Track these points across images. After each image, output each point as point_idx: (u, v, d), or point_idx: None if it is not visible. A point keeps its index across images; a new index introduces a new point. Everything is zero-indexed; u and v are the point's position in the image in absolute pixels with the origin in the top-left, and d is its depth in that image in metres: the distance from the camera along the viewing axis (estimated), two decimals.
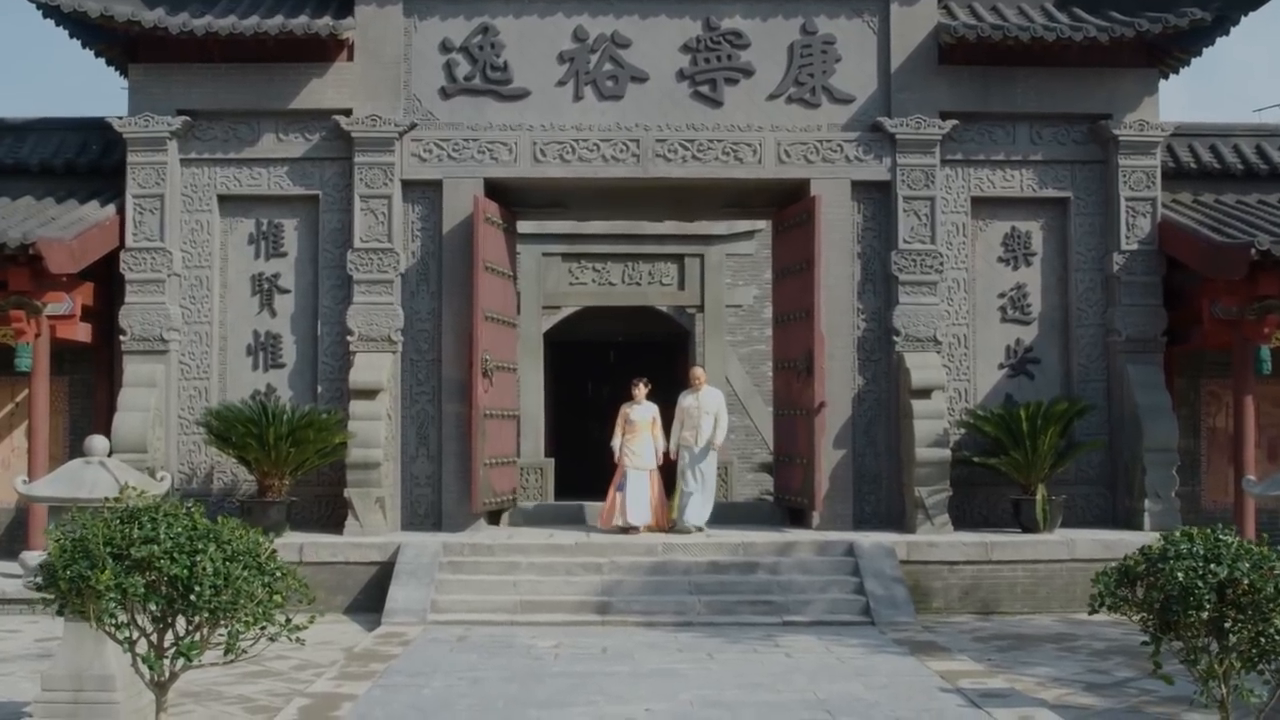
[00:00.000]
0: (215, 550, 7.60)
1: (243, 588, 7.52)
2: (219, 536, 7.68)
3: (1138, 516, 16.43)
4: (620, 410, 17.19)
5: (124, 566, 7.38)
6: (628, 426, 16.97)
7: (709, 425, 16.76)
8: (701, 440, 16.72)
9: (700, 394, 17.01)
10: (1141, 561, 8.47)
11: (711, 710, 9.86)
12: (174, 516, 7.71)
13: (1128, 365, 16.84)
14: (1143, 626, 8.62)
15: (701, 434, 16.73)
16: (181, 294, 16.94)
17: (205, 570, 7.41)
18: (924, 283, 16.85)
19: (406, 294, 16.90)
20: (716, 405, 17.00)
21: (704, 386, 17.19)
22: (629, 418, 17.04)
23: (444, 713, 9.78)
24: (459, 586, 14.67)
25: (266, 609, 7.66)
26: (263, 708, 10.15)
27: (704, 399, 16.96)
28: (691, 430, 16.81)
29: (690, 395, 17.08)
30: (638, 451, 16.82)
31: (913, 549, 15.33)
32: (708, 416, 16.80)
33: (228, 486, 16.89)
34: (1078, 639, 13.45)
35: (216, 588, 7.47)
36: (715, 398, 17.15)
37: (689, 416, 16.91)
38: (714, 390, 17.46)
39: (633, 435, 16.88)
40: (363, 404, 16.25)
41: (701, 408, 16.85)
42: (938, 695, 10.43)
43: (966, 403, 17.16)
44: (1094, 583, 8.89)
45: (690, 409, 16.93)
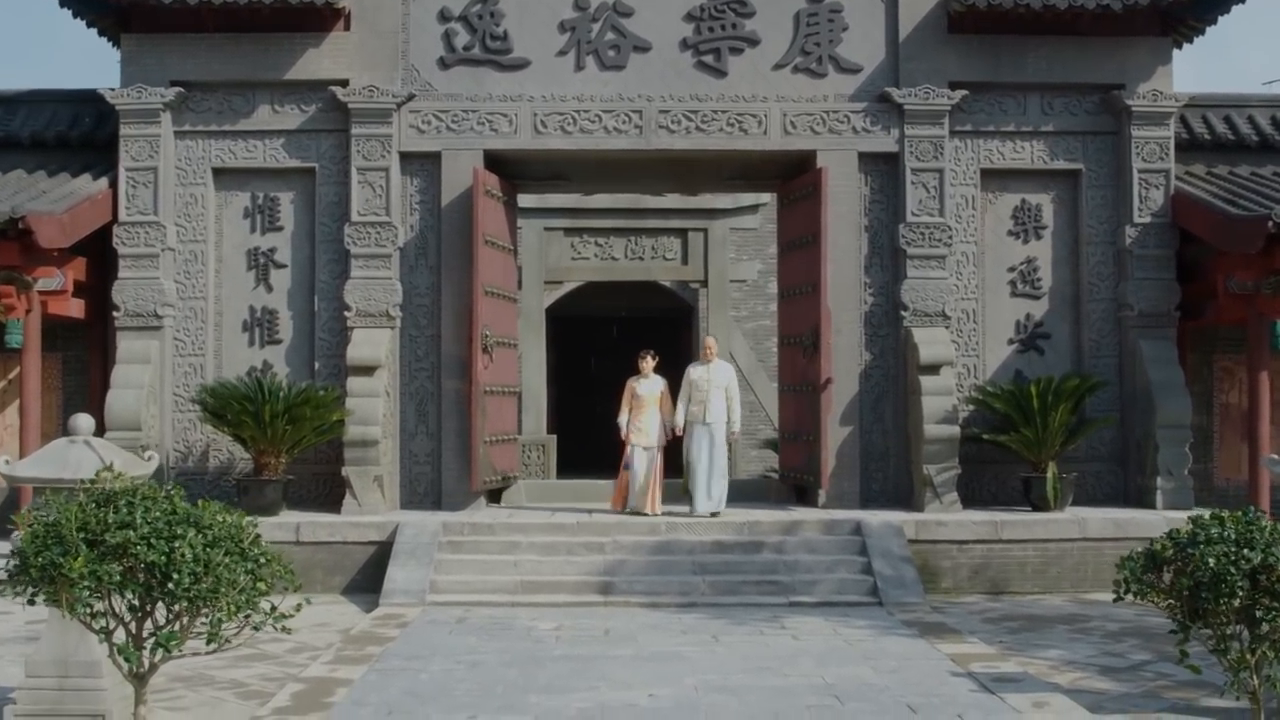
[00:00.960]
0: (195, 536, 7.25)
1: (223, 575, 7.16)
2: (199, 521, 7.33)
3: (1150, 494, 16.14)
4: (626, 385, 16.41)
5: (98, 553, 7.05)
6: (635, 402, 16.23)
7: (719, 400, 15.94)
8: (711, 416, 15.88)
9: (711, 366, 16.19)
10: (1169, 546, 8.15)
11: (716, 695, 9.58)
12: (152, 500, 7.35)
13: (1140, 340, 16.52)
14: (1170, 614, 8.31)
15: (711, 409, 15.88)
16: (176, 269, 16.63)
17: (184, 557, 7.06)
18: (932, 256, 16.53)
19: (405, 268, 16.59)
20: (727, 379, 16.19)
21: (715, 359, 16.38)
22: (636, 392, 16.26)
23: (441, 698, 9.50)
24: (458, 566, 14.39)
25: (250, 597, 7.30)
26: (255, 693, 9.88)
27: (714, 372, 16.13)
28: (700, 405, 15.94)
29: (700, 367, 16.30)
30: (644, 429, 16.10)
31: (921, 528, 15.04)
32: (718, 390, 15.97)
33: (224, 465, 16.61)
34: (1090, 620, 13.17)
35: (196, 575, 7.11)
36: (726, 371, 16.35)
37: (697, 390, 16.05)
38: (725, 364, 16.75)
39: (640, 411, 16.18)
40: (360, 380, 15.96)
41: (711, 381, 16.02)
42: (949, 680, 10.14)
43: (975, 379, 16.85)
44: (1119, 568, 8.57)
45: (699, 382, 16.09)
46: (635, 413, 16.17)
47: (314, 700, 9.41)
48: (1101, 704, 9.47)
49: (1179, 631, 8.21)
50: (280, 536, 14.80)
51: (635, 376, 16.39)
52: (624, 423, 16.20)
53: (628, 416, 16.23)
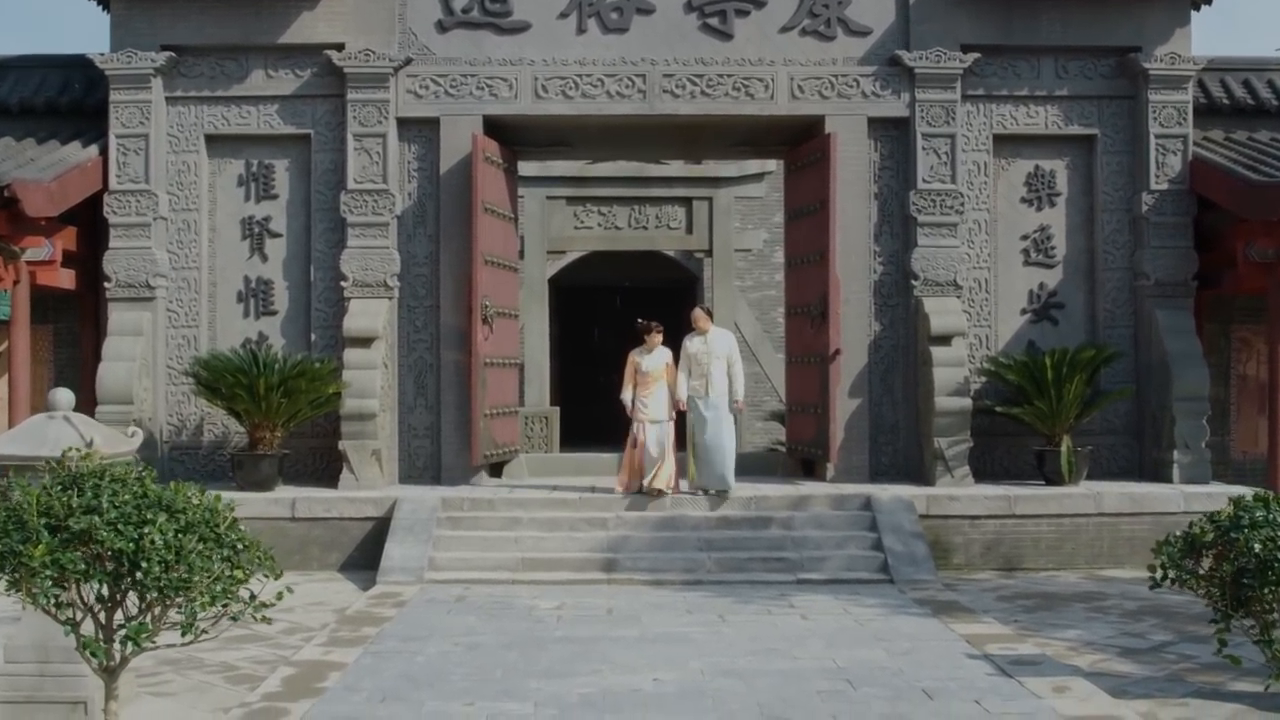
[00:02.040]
0: (166, 521, 6.80)
1: (196, 563, 6.70)
2: (171, 505, 6.89)
3: (1166, 468, 15.76)
4: (629, 358, 15.34)
5: (61, 540, 6.63)
6: (640, 377, 15.15)
7: (720, 371, 14.93)
8: (714, 389, 14.91)
9: (709, 336, 15.14)
10: (1210, 530, 7.73)
11: (723, 680, 9.22)
12: (121, 482, 6.91)
13: (1156, 310, 16.11)
14: (1209, 602, 7.88)
15: (713, 382, 14.90)
16: (168, 238, 16.23)
17: (153, 544, 6.62)
18: (944, 224, 16.11)
19: (403, 237, 16.18)
20: (727, 348, 15.18)
21: (710, 328, 15.29)
22: (641, 367, 15.17)
23: (438, 683, 9.14)
24: (457, 543, 14.03)
25: (227, 585, 6.86)
26: (245, 677, 9.53)
27: (713, 342, 15.10)
28: (701, 379, 14.96)
29: (696, 339, 15.17)
30: (651, 404, 15.08)
31: (932, 503, 14.67)
32: (718, 361, 14.96)
33: (218, 439, 16.25)
34: (1107, 598, 12.79)
35: (167, 563, 6.66)
36: (725, 340, 15.33)
37: (696, 363, 15.04)
38: (723, 331, 15.72)
39: (645, 386, 15.12)
40: (357, 352, 15.58)
41: (711, 352, 15.00)
42: (964, 662, 9.77)
43: (987, 350, 16.45)
44: (1156, 553, 8.15)
45: (698, 354, 15.06)
46: (641, 388, 15.14)
47: (305, 685, 9.05)
48: (1124, 688, 9.10)
49: (1219, 621, 7.78)
50: (275, 513, 14.48)
51: (637, 349, 15.31)
52: (629, 399, 15.21)
53: (633, 393, 15.22)
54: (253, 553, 7.11)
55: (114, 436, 8.77)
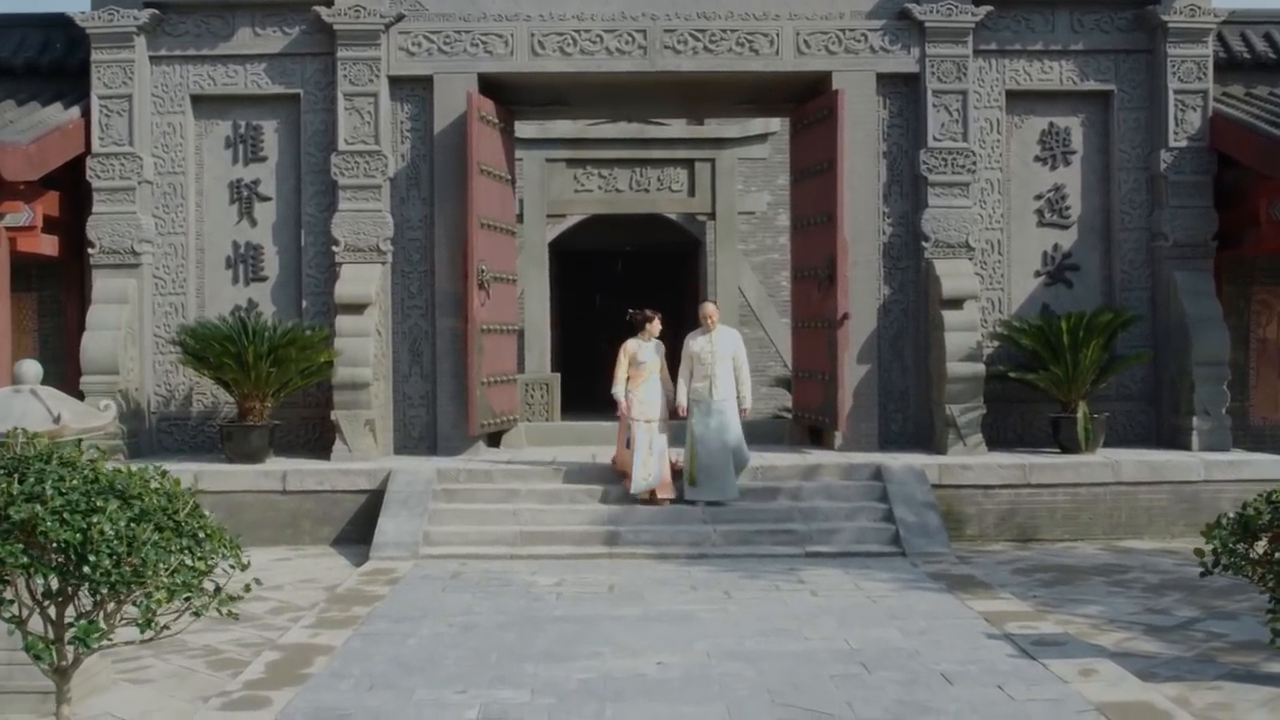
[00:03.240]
0: (117, 509, 6.23)
1: (150, 556, 6.15)
2: (125, 491, 6.35)
3: (1185, 435, 15.28)
4: (622, 348, 14.15)
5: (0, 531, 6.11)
6: (634, 369, 13.98)
7: (726, 373, 13.75)
8: (719, 392, 13.71)
9: (714, 335, 13.87)
10: (1265, 510, 7.20)
11: (730, 663, 8.75)
12: (70, 466, 6.35)
13: (1175, 272, 15.59)
14: (1264, 588, 7.36)
15: (718, 385, 13.71)
16: (154, 203, 15.72)
17: (103, 534, 6.07)
18: (955, 184, 15.56)
19: (396, 200, 15.66)
20: (734, 348, 13.92)
21: (717, 326, 13.99)
22: (637, 358, 13.99)
23: (430, 668, 8.67)
24: (454, 516, 13.56)
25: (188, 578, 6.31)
26: (229, 661, 9.06)
27: (718, 341, 13.85)
28: (705, 380, 13.75)
29: (701, 337, 13.91)
30: (646, 400, 13.91)
31: (945, 472, 14.18)
32: (724, 362, 13.76)
33: (208, 409, 15.78)
34: (1128, 571, 12.32)
35: (118, 556, 6.10)
36: (732, 339, 14.00)
37: (700, 363, 13.81)
38: (730, 330, 14.24)
39: (640, 379, 13.93)
40: (350, 319, 15.07)
41: (716, 352, 13.77)
42: (983, 643, 9.30)
43: (1000, 313, 15.94)
44: (1206, 537, 7.61)
45: (702, 354, 13.81)
46: (635, 382, 13.93)
47: (290, 671, 8.58)
48: (1153, 670, 8.63)
49: (1275, 611, 7.25)
50: (266, 485, 14.02)
51: (635, 338, 14.15)
52: (621, 394, 13.99)
53: (624, 386, 14.00)
54: (216, 541, 6.54)
55: (84, 411, 8.29)
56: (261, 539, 13.95)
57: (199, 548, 6.37)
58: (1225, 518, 7.55)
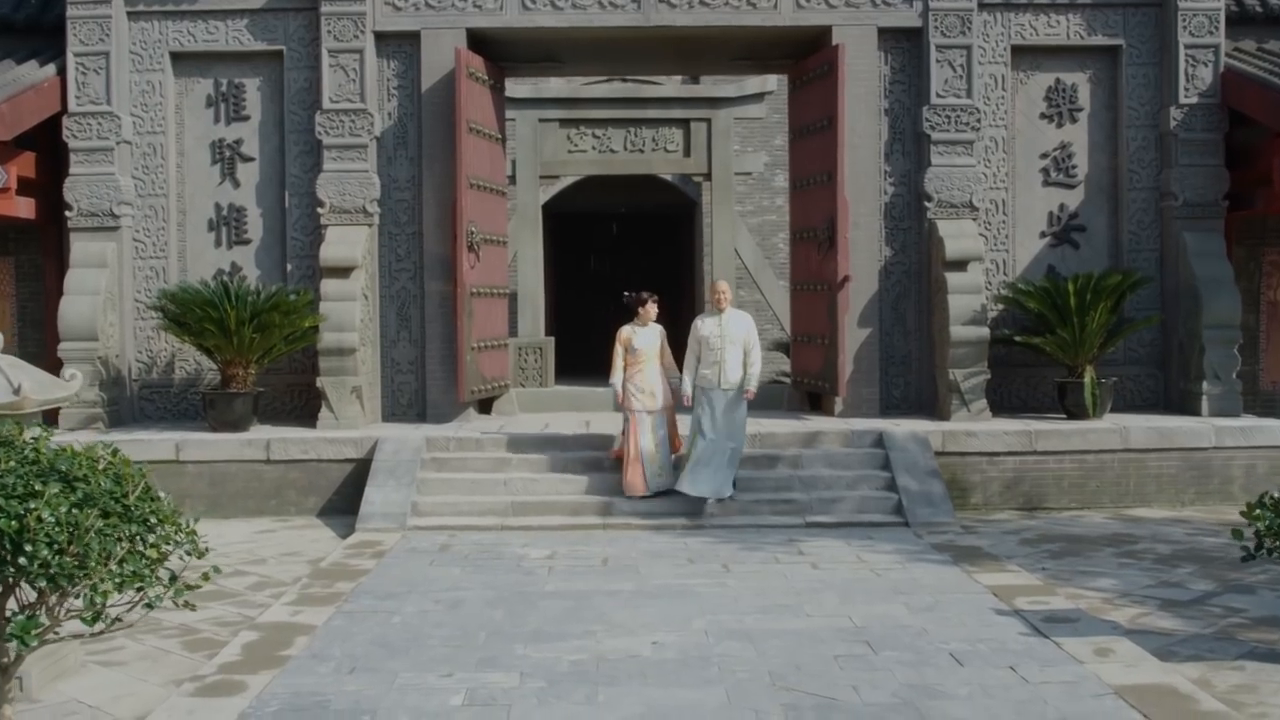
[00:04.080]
0: (59, 493, 5.73)
1: (94, 545, 5.67)
2: (69, 473, 5.88)
3: (1194, 400, 14.88)
4: (618, 334, 13.31)
5: None
6: (631, 356, 13.15)
7: (735, 359, 12.74)
8: (727, 380, 12.70)
9: (724, 318, 12.86)
10: None
11: (730, 642, 8.36)
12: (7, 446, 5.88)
13: (1184, 233, 15.16)
14: None
15: (726, 371, 12.70)
16: (133, 163, 15.25)
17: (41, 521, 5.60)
18: (959, 142, 15.10)
19: (383, 160, 15.19)
20: (745, 333, 12.89)
21: (728, 308, 12.99)
22: (632, 345, 13.15)
23: (414, 649, 8.27)
24: (443, 486, 13.15)
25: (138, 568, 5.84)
26: (205, 642, 8.67)
27: (729, 325, 12.82)
28: (713, 366, 12.75)
29: (711, 319, 12.95)
30: (645, 388, 13.07)
31: (948, 439, 13.77)
32: (733, 348, 12.74)
33: (190, 376, 15.36)
34: (1138, 541, 11.94)
35: (58, 545, 5.66)
36: (743, 323, 12.94)
37: (708, 348, 12.81)
38: (741, 314, 13.10)
39: (638, 367, 13.12)
40: (335, 283, 14.63)
41: (725, 336, 12.75)
42: (993, 620, 8.91)
43: (1004, 275, 15.52)
44: (1250, 518, 7.16)
45: (710, 339, 12.82)
46: (633, 370, 13.12)
47: (268, 653, 8.18)
48: (1171, 649, 8.24)
49: None
50: (249, 455, 13.61)
51: (630, 325, 13.36)
52: (619, 384, 13.16)
53: (622, 376, 13.17)
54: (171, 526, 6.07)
55: (48, 381, 7.87)
56: (246, 510, 13.58)
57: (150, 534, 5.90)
58: (1270, 496, 7.08)
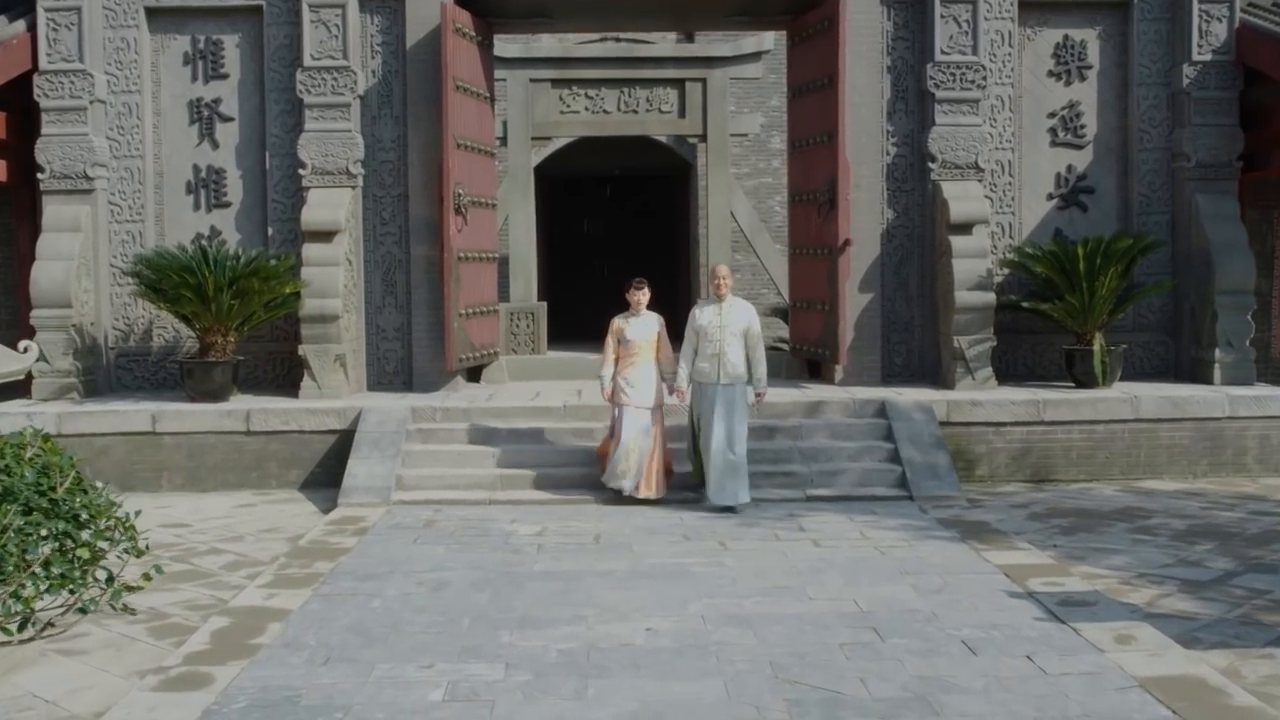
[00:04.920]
0: None
1: (10, 548, 5.17)
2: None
3: (1206, 368, 14.41)
4: (610, 325, 12.23)
5: None
6: (622, 349, 12.10)
7: (737, 350, 11.69)
8: (728, 373, 11.66)
9: (724, 306, 11.80)
10: None
11: (728, 629, 7.88)
12: None
13: (1197, 195, 14.66)
14: None
15: (727, 363, 11.65)
16: (107, 124, 14.69)
17: None
18: (964, 100, 14.57)
19: (366, 120, 14.64)
20: (747, 321, 11.82)
21: (729, 295, 11.90)
22: (624, 336, 12.08)
23: (393, 637, 7.79)
24: (429, 459, 12.67)
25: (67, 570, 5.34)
26: (174, 628, 8.17)
27: (729, 314, 11.76)
28: (712, 359, 11.70)
29: (709, 308, 11.85)
30: (636, 384, 11.97)
31: (953, 408, 13.30)
32: (734, 339, 11.69)
33: (169, 344, 14.85)
34: (1151, 515, 11.48)
35: None
36: (744, 312, 11.87)
37: (707, 340, 11.74)
38: (743, 303, 12.01)
39: (629, 361, 12.05)
40: (318, 248, 14.10)
41: (726, 326, 11.70)
42: (1006, 603, 8.44)
43: (1010, 239, 15.01)
44: None
45: (709, 328, 11.75)
46: (624, 364, 12.05)
47: (238, 641, 7.69)
48: (1194, 634, 7.79)
49: None
50: (229, 426, 13.12)
51: (623, 314, 12.28)
52: (608, 377, 12.13)
53: (612, 369, 12.14)
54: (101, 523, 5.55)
55: (4, 354, 7.36)
56: (225, 483, 13.11)
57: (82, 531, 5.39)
58: None
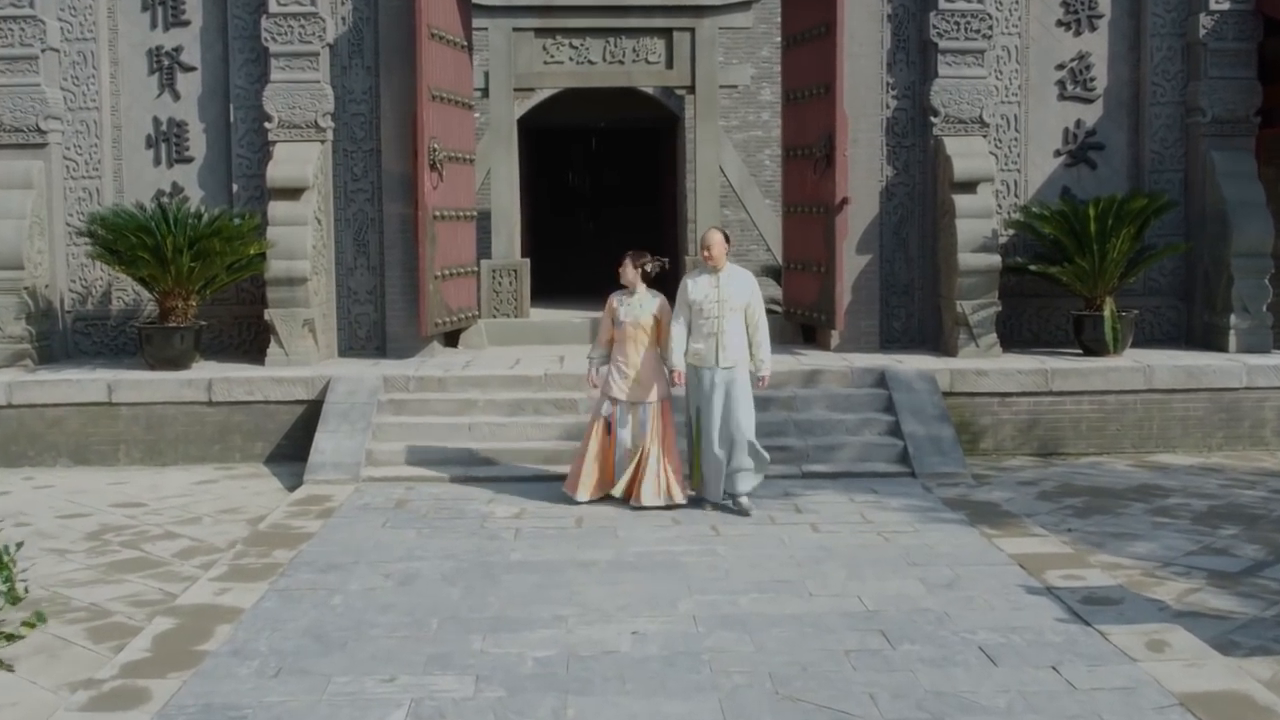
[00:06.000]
0: None
1: None
2: None
3: (1220, 335, 13.72)
4: (607, 303, 10.55)
5: None
6: (616, 331, 10.39)
7: (736, 329, 10.06)
8: (728, 355, 10.01)
9: (721, 278, 10.10)
10: None
11: (722, 632, 7.17)
12: None
13: (1212, 152, 13.93)
14: None
15: (726, 344, 10.00)
16: (61, 73, 13.85)
17: None
18: (968, 51, 13.79)
19: (336, 69, 13.81)
20: (747, 295, 10.16)
21: (726, 264, 10.17)
22: (618, 317, 10.39)
23: (354, 642, 7.06)
24: (401, 432, 11.93)
25: None
26: (115, 629, 7.46)
27: (726, 286, 10.07)
28: (708, 339, 10.03)
29: (703, 279, 10.14)
30: (630, 373, 10.31)
31: (957, 378, 12.59)
32: (734, 315, 10.04)
33: (129, 307, 14.07)
34: (1168, 494, 10.80)
35: None
36: (744, 284, 10.19)
37: (702, 317, 10.05)
38: (742, 272, 10.33)
39: (623, 345, 10.34)
40: (284, 205, 13.31)
41: (724, 300, 10.03)
42: (1024, 601, 7.74)
43: (1016, 197, 14.28)
44: None
45: (704, 303, 10.05)
46: (617, 350, 10.38)
47: (181, 648, 6.97)
48: (1231, 638, 7.10)
49: None
50: (190, 396, 12.38)
51: (618, 292, 10.55)
52: (597, 360, 10.58)
53: (605, 351, 10.50)
54: None
55: None
56: (187, 456, 12.39)
57: None
58: None
